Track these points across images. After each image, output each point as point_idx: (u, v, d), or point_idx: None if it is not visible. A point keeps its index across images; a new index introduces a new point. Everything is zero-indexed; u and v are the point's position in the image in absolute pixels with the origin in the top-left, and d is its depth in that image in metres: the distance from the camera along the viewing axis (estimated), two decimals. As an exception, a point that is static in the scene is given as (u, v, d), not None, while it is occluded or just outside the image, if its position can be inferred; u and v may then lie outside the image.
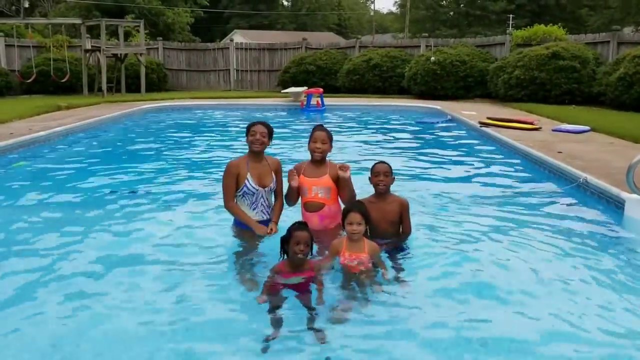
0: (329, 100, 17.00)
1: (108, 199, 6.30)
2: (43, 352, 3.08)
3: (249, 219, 4.57)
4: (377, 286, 3.77)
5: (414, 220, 4.64)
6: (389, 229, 4.43)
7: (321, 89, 17.19)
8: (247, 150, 4.70)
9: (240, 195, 4.60)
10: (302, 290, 3.67)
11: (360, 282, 3.80)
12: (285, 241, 3.75)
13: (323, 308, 3.50)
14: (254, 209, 4.63)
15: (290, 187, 4.59)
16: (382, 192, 4.43)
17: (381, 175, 4.40)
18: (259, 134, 4.56)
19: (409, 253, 4.40)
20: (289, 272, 3.74)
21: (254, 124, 4.64)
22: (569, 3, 43.17)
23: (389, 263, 4.14)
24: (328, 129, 4.67)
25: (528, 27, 20.35)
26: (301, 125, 13.43)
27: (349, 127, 12.97)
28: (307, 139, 4.65)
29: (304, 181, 4.58)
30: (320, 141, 4.55)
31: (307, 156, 4.70)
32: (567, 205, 6.08)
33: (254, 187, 4.56)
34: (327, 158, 4.67)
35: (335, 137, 4.80)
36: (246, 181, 4.54)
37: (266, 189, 4.62)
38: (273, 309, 3.50)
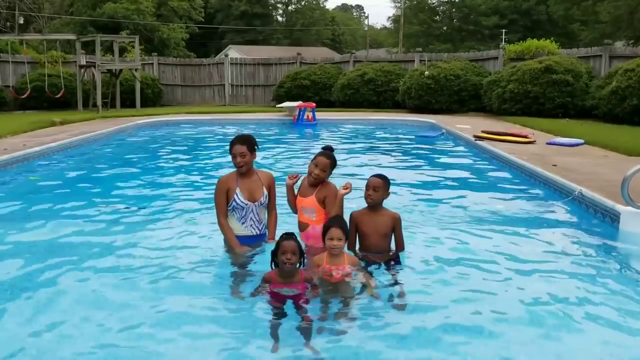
0: (323, 115, 17.04)
1: (102, 214, 6.24)
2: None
3: (233, 241, 4.53)
4: (358, 297, 3.80)
5: (406, 234, 4.61)
6: (380, 242, 4.40)
7: (314, 104, 17.29)
8: None
9: (230, 210, 4.59)
10: (297, 300, 3.68)
11: (343, 292, 3.82)
12: (274, 253, 3.79)
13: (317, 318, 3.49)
14: (242, 223, 4.61)
15: (287, 189, 4.62)
16: (370, 206, 4.42)
17: (370, 189, 4.38)
18: (239, 156, 4.48)
19: (401, 267, 4.36)
20: (279, 281, 3.76)
21: (231, 145, 4.53)
22: (560, 18, 43.58)
23: (382, 277, 4.11)
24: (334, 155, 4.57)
25: (521, 41, 20.51)
26: (293, 138, 13.55)
27: (342, 141, 12.95)
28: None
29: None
30: (321, 168, 4.45)
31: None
32: (562, 218, 6.08)
33: (242, 202, 4.54)
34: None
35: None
36: (235, 196, 4.53)
37: (256, 203, 4.59)
38: (271, 319, 3.49)
